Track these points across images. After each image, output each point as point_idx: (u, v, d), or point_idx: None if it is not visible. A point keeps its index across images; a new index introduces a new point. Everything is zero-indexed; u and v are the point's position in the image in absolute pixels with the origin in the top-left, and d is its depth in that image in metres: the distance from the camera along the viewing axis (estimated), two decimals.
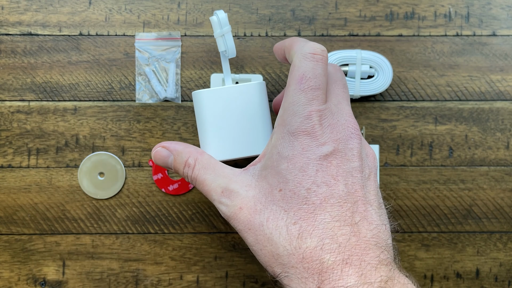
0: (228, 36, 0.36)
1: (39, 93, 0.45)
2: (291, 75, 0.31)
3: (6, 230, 0.44)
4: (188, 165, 0.33)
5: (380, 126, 0.45)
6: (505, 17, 0.45)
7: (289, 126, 0.30)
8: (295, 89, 0.31)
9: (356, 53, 0.43)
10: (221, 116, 0.35)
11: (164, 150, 0.35)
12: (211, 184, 0.32)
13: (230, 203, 0.30)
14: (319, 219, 0.28)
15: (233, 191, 0.31)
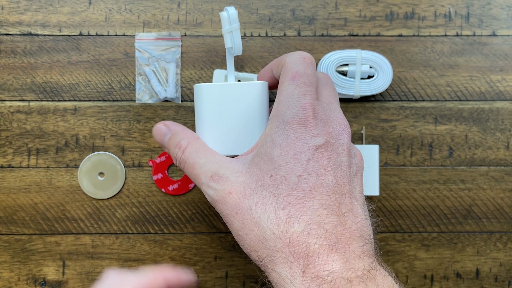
0: (236, 33, 0.36)
1: (39, 93, 0.45)
2: (284, 74, 0.33)
3: (6, 230, 0.44)
4: (180, 146, 0.34)
5: (380, 126, 0.45)
6: (505, 17, 0.45)
7: (284, 116, 0.31)
8: (289, 84, 0.32)
9: (356, 53, 0.43)
10: (220, 111, 0.35)
11: (164, 127, 0.36)
12: (201, 168, 0.32)
13: (218, 187, 0.31)
14: (308, 205, 0.29)
15: (223, 176, 0.31)
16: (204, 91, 0.35)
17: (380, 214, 0.45)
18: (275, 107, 0.32)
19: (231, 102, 0.35)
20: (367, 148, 0.43)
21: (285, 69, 0.33)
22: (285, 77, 0.33)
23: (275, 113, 0.32)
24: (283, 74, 0.33)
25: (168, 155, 0.44)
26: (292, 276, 0.27)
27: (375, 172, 0.43)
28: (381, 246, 0.45)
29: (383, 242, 0.45)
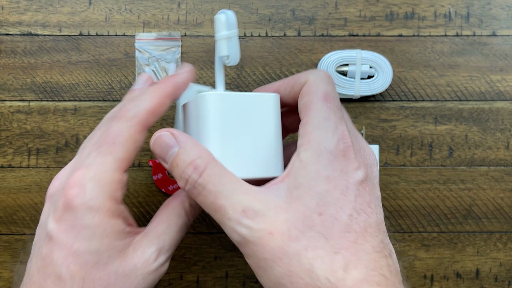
0: (235, 40, 0.32)
1: (39, 93, 0.45)
2: (312, 94, 0.29)
3: (6, 230, 0.44)
4: (195, 166, 0.27)
5: (380, 126, 0.45)
6: (505, 17, 0.45)
7: (325, 144, 0.27)
8: (323, 106, 0.28)
9: (356, 53, 0.43)
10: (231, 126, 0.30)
11: (170, 136, 0.28)
12: (227, 199, 0.26)
13: (255, 226, 0.25)
14: (362, 248, 0.25)
15: (259, 212, 0.25)
16: (212, 102, 0.30)
17: None
18: (308, 131, 0.28)
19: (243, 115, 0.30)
20: None
21: (312, 88, 0.29)
22: (314, 97, 0.29)
23: (311, 139, 0.27)
24: (310, 94, 0.29)
25: None
26: None
27: None
28: None
29: None
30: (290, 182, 0.27)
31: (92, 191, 0.27)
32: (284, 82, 0.32)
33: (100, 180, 0.27)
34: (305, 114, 0.29)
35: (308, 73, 0.30)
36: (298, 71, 0.45)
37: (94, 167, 0.27)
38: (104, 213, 0.27)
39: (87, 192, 0.27)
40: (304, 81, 0.30)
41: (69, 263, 0.26)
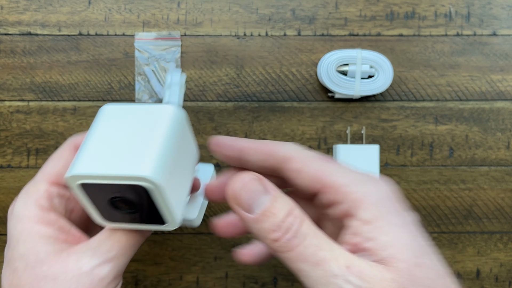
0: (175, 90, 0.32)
1: (39, 93, 0.44)
2: (393, 207, 0.24)
3: (5, 230, 0.44)
4: (295, 216, 0.23)
5: (381, 126, 0.45)
6: (505, 16, 0.45)
7: (385, 197, 0.24)
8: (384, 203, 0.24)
9: (357, 53, 0.43)
10: (112, 133, 0.28)
11: (260, 184, 0.24)
12: (330, 252, 0.23)
13: (364, 285, 0.22)
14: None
15: (363, 269, 0.22)
16: (102, 111, 0.29)
17: None
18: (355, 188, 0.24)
19: (130, 125, 0.28)
20: (367, 148, 0.43)
21: (385, 195, 0.24)
22: (394, 212, 0.24)
23: (366, 193, 0.24)
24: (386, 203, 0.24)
25: None
26: None
27: (375, 173, 0.42)
28: None
29: None
30: (370, 244, 0.23)
31: (20, 202, 0.29)
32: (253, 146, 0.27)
33: (26, 191, 0.29)
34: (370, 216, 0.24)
35: (285, 147, 0.26)
36: (298, 71, 0.45)
37: (28, 184, 0.30)
38: (28, 219, 0.28)
39: (15, 203, 0.29)
40: (282, 156, 0.26)
41: (5, 272, 0.28)
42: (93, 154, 0.26)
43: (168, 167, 0.26)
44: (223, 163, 0.44)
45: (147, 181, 0.25)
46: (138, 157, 0.26)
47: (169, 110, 0.29)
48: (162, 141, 0.27)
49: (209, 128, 0.45)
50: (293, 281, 0.45)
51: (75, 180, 0.26)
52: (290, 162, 0.26)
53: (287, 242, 0.23)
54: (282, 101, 0.45)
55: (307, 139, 0.45)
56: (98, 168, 0.26)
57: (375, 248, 0.22)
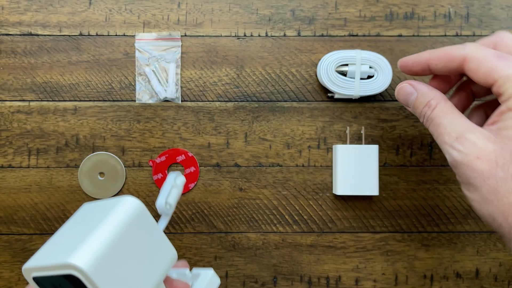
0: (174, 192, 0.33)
1: (39, 93, 0.45)
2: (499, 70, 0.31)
3: (6, 230, 0.44)
4: (429, 105, 0.34)
5: (380, 126, 0.45)
6: (504, 17, 0.45)
7: None
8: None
9: (356, 53, 0.43)
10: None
11: (410, 87, 0.36)
12: (447, 128, 0.33)
13: (464, 150, 0.31)
14: None
15: (470, 139, 0.31)
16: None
17: (380, 214, 0.45)
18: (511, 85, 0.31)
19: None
20: (367, 148, 0.43)
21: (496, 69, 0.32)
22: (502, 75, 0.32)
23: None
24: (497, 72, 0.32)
25: (168, 155, 0.44)
26: None
27: (374, 172, 0.43)
28: (381, 246, 0.45)
29: (383, 242, 0.45)
30: (500, 124, 0.31)
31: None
32: (434, 56, 0.35)
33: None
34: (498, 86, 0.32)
35: (464, 50, 0.33)
36: (298, 71, 0.45)
37: None
38: None
39: None
40: (460, 59, 0.33)
41: None
42: (46, 247, 0.28)
43: (105, 257, 0.26)
44: (223, 163, 0.45)
45: (73, 267, 0.25)
46: (73, 246, 0.26)
47: (128, 201, 0.29)
48: (104, 229, 0.27)
49: (209, 128, 0.45)
50: (293, 280, 0.45)
51: (28, 273, 0.27)
52: (467, 63, 0.33)
53: (425, 122, 0.35)
54: (282, 101, 0.45)
55: (307, 139, 0.45)
56: (40, 260, 0.27)
57: (503, 127, 0.31)
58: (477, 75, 0.32)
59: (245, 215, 0.45)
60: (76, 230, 0.29)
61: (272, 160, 0.45)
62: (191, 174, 0.44)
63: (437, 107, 0.34)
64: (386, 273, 0.45)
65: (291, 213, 0.45)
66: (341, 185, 0.43)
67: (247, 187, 0.45)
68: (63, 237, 0.29)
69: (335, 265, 0.45)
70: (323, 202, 0.45)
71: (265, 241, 0.45)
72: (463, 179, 0.32)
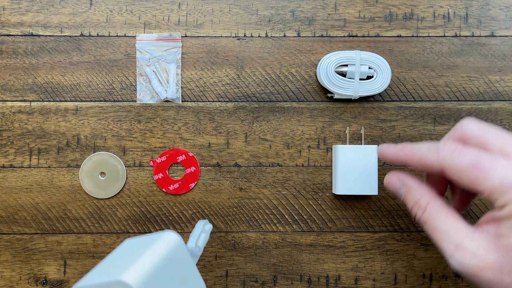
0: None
1: (41, 94, 0.45)
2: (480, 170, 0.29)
3: (7, 229, 0.45)
4: (419, 206, 0.33)
5: (379, 126, 0.45)
6: (503, 17, 0.45)
7: None
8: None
9: (355, 54, 0.43)
10: None
11: (398, 181, 0.35)
12: (443, 235, 0.31)
13: (466, 263, 0.30)
14: None
15: (470, 250, 0.30)
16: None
17: (379, 213, 0.45)
18: (504, 196, 0.29)
19: None
20: (366, 149, 0.43)
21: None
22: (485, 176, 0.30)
23: (509, 200, 0.29)
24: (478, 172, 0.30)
25: (169, 155, 0.45)
26: None
27: (374, 172, 0.43)
28: (380, 245, 0.45)
29: (382, 242, 0.45)
30: (499, 231, 0.30)
31: None
32: (411, 160, 0.33)
33: None
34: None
35: (437, 156, 0.31)
36: (297, 71, 0.45)
37: None
38: None
39: None
40: (438, 169, 0.31)
41: None
42: (95, 271, 0.31)
43: (150, 280, 0.29)
44: (223, 163, 0.45)
45: (123, 284, 0.27)
46: (122, 268, 0.29)
47: (169, 236, 0.33)
48: (149, 256, 0.30)
49: (209, 128, 0.45)
50: (293, 280, 0.45)
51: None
52: (446, 172, 0.31)
53: (418, 222, 0.33)
54: (281, 102, 0.45)
55: (307, 139, 0.45)
56: (90, 280, 0.29)
57: (503, 234, 0.29)
58: (461, 184, 0.31)
59: (245, 215, 0.45)
60: (122, 257, 0.32)
61: (272, 160, 0.45)
62: (191, 174, 0.45)
63: (428, 208, 0.32)
64: (386, 272, 0.45)
65: (291, 212, 0.45)
66: (341, 184, 0.43)
67: (247, 187, 0.45)
68: (110, 263, 0.31)
69: (335, 265, 0.45)
70: (322, 202, 0.45)
71: (265, 241, 0.45)
72: (472, 282, 0.31)
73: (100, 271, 0.31)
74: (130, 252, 0.32)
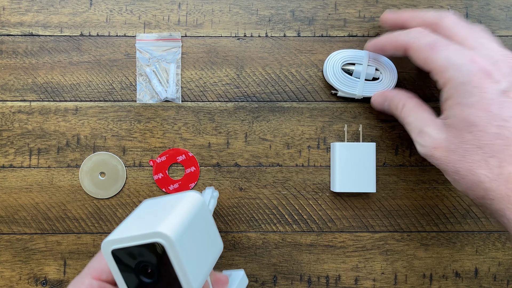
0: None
1: (40, 93, 0.45)
2: (420, 49, 0.36)
3: (7, 229, 0.44)
4: (397, 108, 0.39)
5: (379, 126, 0.45)
6: (503, 17, 0.45)
7: (459, 78, 0.33)
8: (440, 51, 0.35)
9: (364, 54, 0.42)
10: None
11: (380, 97, 0.41)
12: (411, 124, 0.37)
13: (424, 143, 0.35)
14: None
15: (427, 133, 0.35)
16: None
17: (379, 213, 0.45)
18: (443, 74, 0.34)
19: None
20: (364, 146, 0.43)
21: (418, 48, 0.36)
22: (425, 53, 0.35)
23: (448, 79, 0.34)
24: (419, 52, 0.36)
25: (169, 155, 0.45)
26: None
27: (372, 170, 0.43)
28: (380, 245, 0.45)
29: (382, 242, 0.45)
30: (444, 114, 0.35)
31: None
32: (387, 41, 0.39)
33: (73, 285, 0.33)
34: (428, 63, 0.35)
35: (406, 36, 0.37)
36: (297, 71, 0.45)
37: (76, 277, 0.33)
38: None
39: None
40: (403, 46, 0.37)
41: None
42: (124, 227, 0.31)
43: (184, 233, 0.30)
44: (223, 163, 0.45)
45: (161, 235, 0.28)
46: (156, 221, 0.29)
47: (193, 194, 0.34)
48: (179, 212, 0.31)
49: (209, 128, 0.45)
50: (293, 280, 0.45)
51: (107, 246, 0.29)
52: (408, 51, 0.36)
53: (401, 120, 0.39)
54: (281, 102, 0.45)
55: (307, 139, 0.45)
56: (123, 233, 0.29)
57: (445, 116, 0.34)
58: (417, 63, 0.36)
59: (245, 215, 0.45)
60: (150, 214, 0.32)
61: (272, 160, 0.45)
62: (191, 174, 0.45)
63: (404, 107, 0.38)
64: (386, 272, 0.45)
65: (291, 212, 0.45)
66: (339, 182, 0.42)
67: (247, 186, 0.45)
68: (139, 220, 0.32)
69: (335, 265, 0.45)
70: (322, 202, 0.45)
71: (265, 241, 0.45)
72: (435, 165, 0.35)
73: (129, 226, 0.31)
74: (157, 210, 0.33)
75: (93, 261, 0.34)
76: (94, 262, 0.33)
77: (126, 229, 0.30)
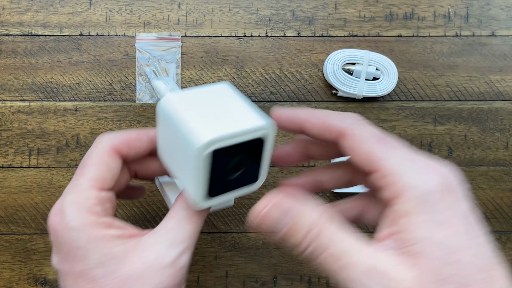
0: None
1: (40, 93, 0.45)
2: (369, 144, 0.25)
3: (7, 229, 0.44)
4: (312, 233, 0.25)
5: (380, 126, 0.45)
6: (504, 17, 0.45)
7: (423, 186, 0.23)
8: (395, 151, 0.25)
9: (364, 54, 0.42)
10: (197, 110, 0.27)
11: (277, 210, 0.25)
12: (346, 259, 0.23)
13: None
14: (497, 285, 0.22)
15: (382, 272, 0.22)
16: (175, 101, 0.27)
17: None
18: (395, 178, 0.24)
19: (203, 102, 0.28)
20: None
21: (364, 144, 0.25)
22: (376, 148, 0.25)
23: (403, 186, 0.23)
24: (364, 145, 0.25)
25: None
26: None
27: None
28: None
29: None
30: (402, 236, 0.23)
31: (71, 213, 0.27)
32: (311, 120, 0.28)
33: (75, 201, 0.27)
34: (380, 165, 0.24)
35: (342, 121, 0.26)
36: (297, 71, 0.45)
37: (69, 191, 0.28)
38: (88, 228, 0.27)
39: (66, 215, 0.27)
40: (337, 132, 0.26)
41: (80, 285, 0.26)
42: (202, 125, 0.25)
43: None
44: None
45: (267, 129, 0.26)
46: (242, 116, 0.26)
47: (226, 84, 0.29)
48: (244, 102, 0.27)
49: None
50: (293, 280, 0.45)
51: (206, 148, 0.24)
52: (344, 139, 0.26)
53: (310, 255, 0.24)
54: (281, 101, 0.45)
55: None
56: (225, 130, 0.25)
57: (406, 242, 0.22)
58: (358, 155, 0.25)
59: (245, 215, 0.45)
60: (213, 109, 0.27)
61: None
62: None
63: (323, 232, 0.24)
64: None
65: None
66: None
67: None
68: (210, 116, 0.26)
69: None
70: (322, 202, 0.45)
71: (265, 241, 0.45)
72: None
73: (212, 125, 0.25)
74: (215, 106, 0.27)
75: (88, 171, 0.28)
76: (90, 171, 0.28)
77: (217, 127, 0.25)
